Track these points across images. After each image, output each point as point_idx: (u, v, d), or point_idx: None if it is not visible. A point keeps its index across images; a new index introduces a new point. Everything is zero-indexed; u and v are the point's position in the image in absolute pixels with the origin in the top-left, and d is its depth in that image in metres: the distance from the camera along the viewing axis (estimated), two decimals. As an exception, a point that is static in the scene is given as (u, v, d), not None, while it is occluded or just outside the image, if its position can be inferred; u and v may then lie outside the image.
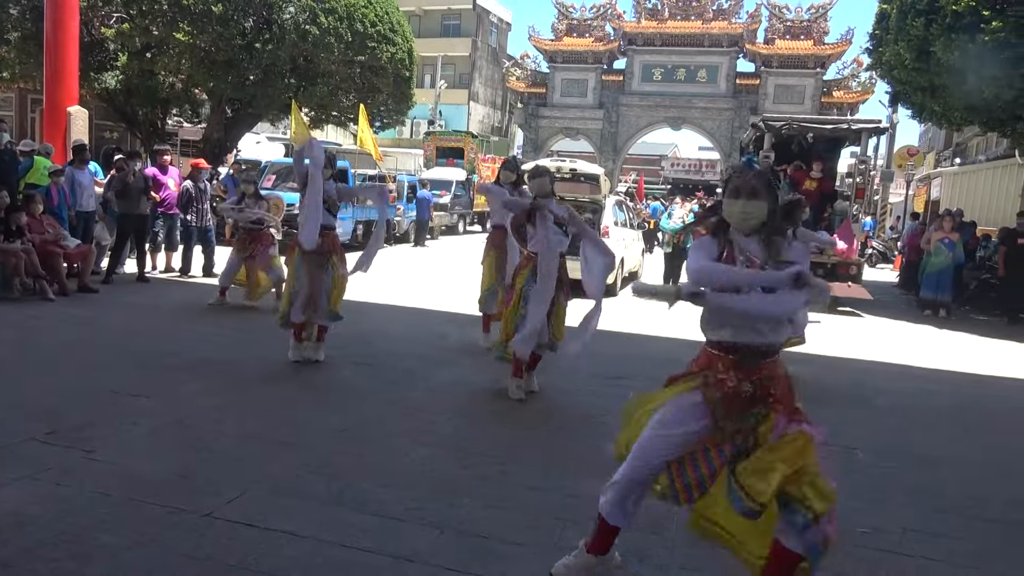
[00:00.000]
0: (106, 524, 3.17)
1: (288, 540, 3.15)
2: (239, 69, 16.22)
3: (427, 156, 27.73)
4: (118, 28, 15.66)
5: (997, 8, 10.21)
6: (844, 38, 32.54)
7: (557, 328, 5.49)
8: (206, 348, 6.49)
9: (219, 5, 15.15)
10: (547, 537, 3.35)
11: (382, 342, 7.26)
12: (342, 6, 17.00)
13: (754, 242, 2.60)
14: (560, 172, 12.10)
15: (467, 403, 5.44)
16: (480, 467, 4.14)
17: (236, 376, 5.67)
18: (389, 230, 18.12)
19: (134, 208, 9.61)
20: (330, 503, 3.54)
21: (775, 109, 29.65)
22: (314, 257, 5.97)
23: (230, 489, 3.59)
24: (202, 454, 4.04)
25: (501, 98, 45.15)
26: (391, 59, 18.71)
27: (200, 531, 3.17)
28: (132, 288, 9.43)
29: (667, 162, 49.34)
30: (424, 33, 39.12)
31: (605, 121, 35.32)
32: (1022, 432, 5.72)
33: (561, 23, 35.61)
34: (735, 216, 2.61)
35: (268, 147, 23.58)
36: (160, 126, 18.87)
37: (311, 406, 5.10)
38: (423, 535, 3.28)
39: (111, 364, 5.79)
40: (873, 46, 14.08)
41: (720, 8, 33.72)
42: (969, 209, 17.69)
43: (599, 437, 4.89)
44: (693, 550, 3.33)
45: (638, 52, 34.76)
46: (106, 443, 4.10)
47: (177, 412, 4.71)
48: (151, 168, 11.03)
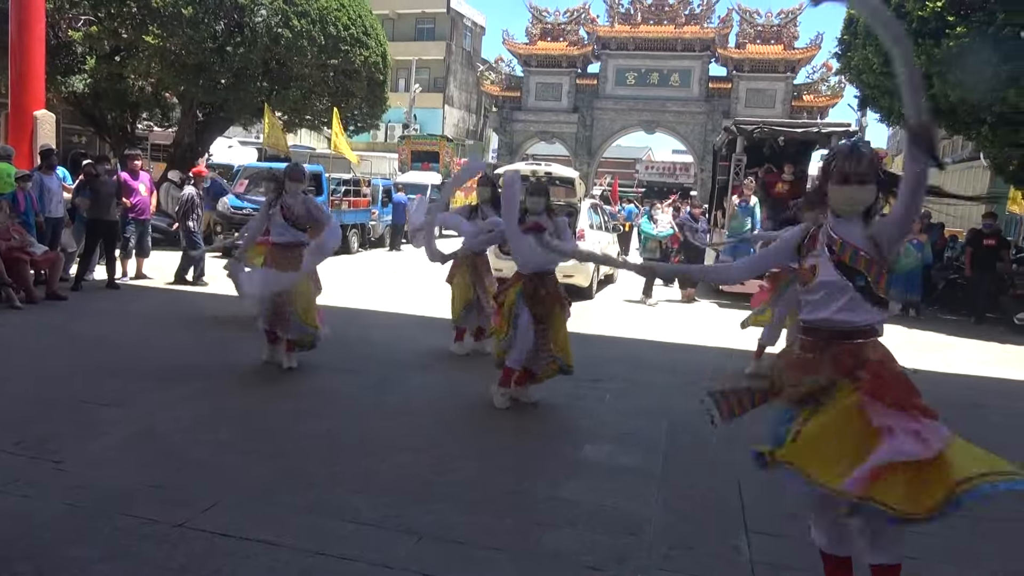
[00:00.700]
0: (75, 537, 3.11)
1: (264, 549, 3.11)
2: (210, 73, 16.02)
3: (402, 160, 27.67)
4: (86, 31, 15.40)
5: (961, 14, 10.42)
6: (813, 43, 33.02)
7: (562, 348, 5.32)
8: (178, 356, 6.39)
9: (189, 8, 14.97)
10: (525, 541, 3.35)
11: (358, 347, 7.21)
12: (315, 9, 16.89)
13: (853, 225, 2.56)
14: (535, 176, 12.14)
15: (443, 408, 5.42)
16: (457, 472, 4.12)
17: (210, 384, 5.59)
18: (364, 234, 18.02)
19: (104, 214, 9.45)
20: (306, 511, 3.50)
21: (747, 113, 29.99)
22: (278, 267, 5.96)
23: (204, 499, 3.54)
24: (175, 463, 3.98)
25: (476, 102, 45.15)
26: (365, 63, 18.62)
27: (173, 542, 3.12)
28: (102, 295, 9.27)
29: (641, 165, 49.67)
30: (398, 37, 39.00)
31: (580, 125, 35.47)
32: (991, 428, 5.83)
33: (535, 27, 35.72)
34: (841, 202, 2.56)
35: (241, 151, 23.34)
36: (130, 130, 18.58)
37: (286, 413, 5.04)
38: (400, 541, 3.26)
39: (80, 373, 5.68)
40: (842, 51, 14.29)
41: (692, 13, 34.05)
42: (937, 210, 18.03)
43: (577, 439, 4.92)
44: (671, 551, 3.35)
45: (612, 56, 34.97)
46: (75, 454, 4.02)
47: (149, 421, 4.64)
48: (122, 173, 10.86)
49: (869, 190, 2.54)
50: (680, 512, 3.80)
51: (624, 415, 5.49)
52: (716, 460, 4.64)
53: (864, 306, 2.57)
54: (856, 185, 2.52)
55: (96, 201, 9.39)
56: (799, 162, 13.53)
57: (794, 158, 13.26)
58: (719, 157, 15.08)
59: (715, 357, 6.76)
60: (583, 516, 3.65)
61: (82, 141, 22.29)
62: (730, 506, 3.92)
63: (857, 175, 2.51)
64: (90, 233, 9.54)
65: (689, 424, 5.41)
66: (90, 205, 9.41)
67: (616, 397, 5.93)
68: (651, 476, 4.27)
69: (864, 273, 2.55)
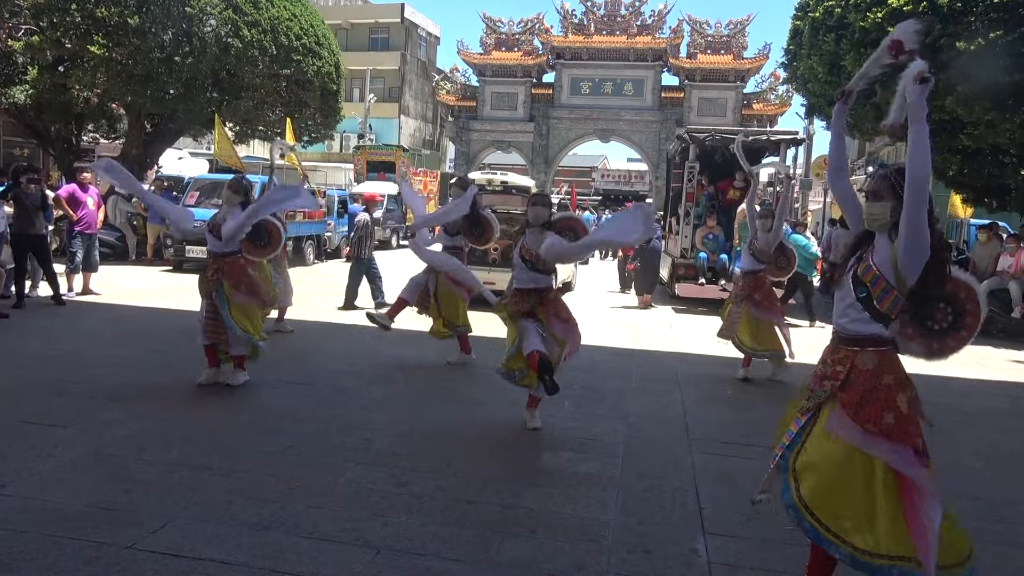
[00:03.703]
0: (20, 563, 3.01)
1: (218, 568, 3.04)
2: (158, 83, 15.70)
3: (357, 170, 27.42)
4: (27, 40, 14.96)
5: (901, 24, 10.81)
6: (761, 53, 33.79)
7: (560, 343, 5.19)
8: (128, 373, 6.22)
9: (135, 17, 14.65)
10: (484, 552, 3.34)
11: (315, 360, 7.12)
12: (266, 19, 16.69)
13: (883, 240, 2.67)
14: (491, 185, 12.17)
15: (402, 419, 5.38)
16: (416, 483, 4.09)
17: (160, 401, 5.46)
18: (320, 246, 17.83)
19: (28, 227, 9.07)
20: (261, 527, 3.44)
21: (699, 121, 30.54)
22: (203, 284, 5.90)
23: (154, 519, 3.45)
24: (124, 484, 3.87)
25: (432, 112, 45.08)
26: (317, 72, 18.46)
27: (123, 565, 3.03)
28: (47, 312, 8.98)
29: (598, 173, 50.20)
30: (352, 46, 38.76)
31: (536, 134, 35.67)
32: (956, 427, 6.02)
33: (489, 37, 35.85)
34: (864, 216, 2.74)
35: (191, 163, 22.86)
36: (75, 142, 18.08)
37: (241, 429, 4.95)
38: (358, 555, 3.22)
39: (23, 392, 5.49)
40: (788, 61, 14.66)
41: (644, 23, 34.56)
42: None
43: (536, 447, 4.92)
44: (630, 555, 3.38)
45: (566, 66, 35.29)
46: (19, 477, 3.89)
47: (96, 441, 4.50)
48: (70, 185, 10.56)
49: (881, 206, 2.68)
50: (638, 516, 3.84)
51: (582, 422, 5.52)
52: (673, 463, 4.70)
53: (863, 316, 2.68)
54: (870, 201, 2.70)
55: (19, 214, 9.01)
56: (749, 170, 13.82)
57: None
58: (673, 165, 15.32)
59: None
60: (543, 524, 3.65)
61: (24, 154, 21.62)
62: (688, 509, 3.97)
63: (870, 191, 2.71)
64: (16, 248, 9.11)
65: (645, 428, 5.47)
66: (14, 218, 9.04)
67: (574, 404, 5.96)
68: (609, 481, 4.30)
69: (868, 286, 2.67)
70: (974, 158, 12.55)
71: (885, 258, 2.64)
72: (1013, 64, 9.81)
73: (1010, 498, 4.41)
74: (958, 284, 2.72)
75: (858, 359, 2.67)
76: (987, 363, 9.00)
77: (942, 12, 10.33)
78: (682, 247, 12.77)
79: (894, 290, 2.63)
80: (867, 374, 2.64)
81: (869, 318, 2.67)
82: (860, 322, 2.68)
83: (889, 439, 2.55)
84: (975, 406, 6.89)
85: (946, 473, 3.13)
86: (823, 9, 12.19)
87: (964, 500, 3.89)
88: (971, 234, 14.49)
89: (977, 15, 10.21)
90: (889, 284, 2.63)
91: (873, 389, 2.62)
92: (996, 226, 12.64)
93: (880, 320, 2.67)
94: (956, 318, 2.69)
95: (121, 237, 14.97)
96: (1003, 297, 10.77)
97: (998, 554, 3.64)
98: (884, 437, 2.55)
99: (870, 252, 2.72)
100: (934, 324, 2.68)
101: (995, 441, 5.58)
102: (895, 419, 2.57)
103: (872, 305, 2.66)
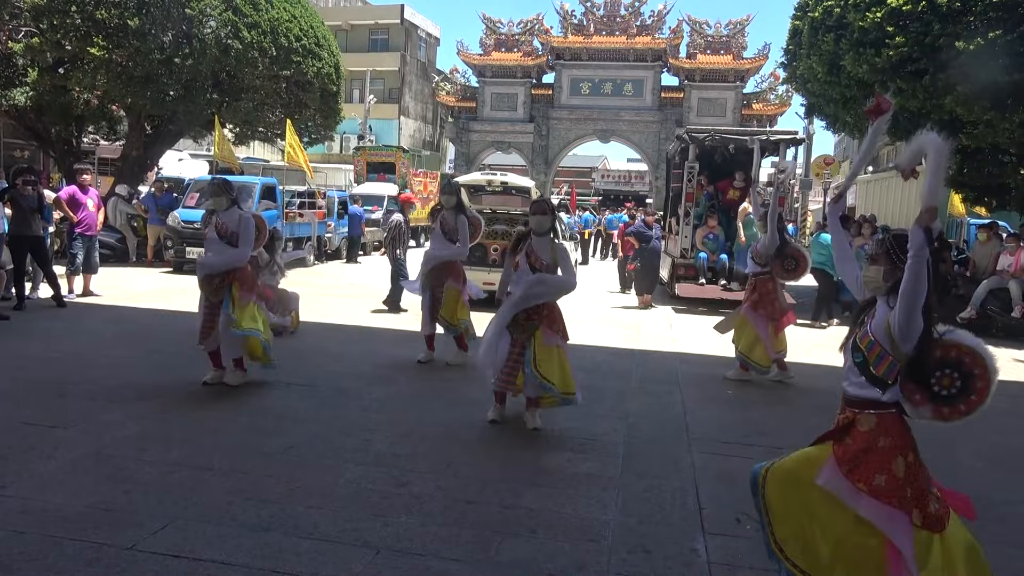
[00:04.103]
0: (20, 564, 3.01)
1: (218, 569, 3.05)
2: (158, 84, 15.71)
3: (357, 171, 27.42)
4: (27, 42, 14.97)
5: (900, 24, 10.81)
6: (761, 53, 33.80)
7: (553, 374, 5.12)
8: (128, 374, 6.23)
9: (135, 19, 14.67)
10: (484, 552, 3.35)
11: (315, 361, 7.13)
12: (265, 20, 16.70)
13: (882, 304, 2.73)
14: (492, 185, 12.18)
15: (402, 420, 5.38)
16: (416, 484, 4.10)
17: (161, 402, 5.46)
18: (320, 247, 17.84)
19: (26, 229, 9.06)
20: (261, 528, 3.45)
21: (699, 121, 30.56)
22: (207, 287, 5.87)
23: (155, 520, 3.46)
24: (124, 485, 3.87)
25: (432, 112, 45.11)
26: (317, 74, 18.47)
27: (123, 566, 3.03)
28: (48, 313, 8.99)
29: (597, 174, 50.22)
30: (352, 48, 38.79)
31: (536, 134, 35.69)
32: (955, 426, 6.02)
33: (489, 38, 35.88)
34: (864, 281, 2.83)
35: (191, 164, 22.86)
36: (75, 144, 18.09)
37: (241, 430, 4.96)
38: (358, 556, 3.22)
39: (24, 394, 5.50)
40: (788, 61, 14.68)
41: (643, 24, 34.59)
42: (882, 215, 18.61)
43: (536, 448, 4.93)
44: (630, 555, 3.38)
45: (566, 66, 35.32)
46: (19, 478, 3.90)
47: (97, 442, 4.51)
48: (70, 187, 10.56)
49: (876, 270, 2.74)
50: (638, 516, 3.84)
51: (582, 422, 5.52)
52: (673, 463, 4.70)
53: (860, 380, 2.72)
54: (868, 264, 2.78)
55: (16, 215, 9.01)
56: (749, 169, 13.82)
57: (744, 165, 13.54)
58: (672, 165, 15.32)
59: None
60: (543, 524, 3.66)
61: (24, 156, 21.64)
62: (688, 508, 3.98)
63: (869, 255, 2.79)
64: (14, 249, 9.11)
65: (645, 428, 5.48)
66: (11, 219, 9.04)
67: (574, 404, 5.95)
68: (609, 481, 4.31)
69: (864, 352, 2.71)
70: (973, 157, 12.56)
71: (881, 324, 2.68)
72: (1012, 63, 9.82)
73: (1009, 498, 4.42)
74: (961, 349, 2.70)
75: (858, 420, 2.72)
76: (987, 362, 8.99)
77: (941, 11, 10.34)
78: (682, 247, 12.77)
79: (889, 356, 2.65)
80: (865, 435, 2.67)
81: (866, 382, 2.71)
82: (858, 386, 2.73)
83: (878, 500, 2.57)
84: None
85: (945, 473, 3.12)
86: (822, 9, 12.20)
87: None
88: (971, 233, 14.47)
89: (976, 14, 10.22)
90: (884, 350, 2.66)
91: (868, 450, 2.64)
92: (996, 225, 12.64)
93: (877, 385, 2.69)
94: (965, 382, 2.68)
95: (121, 239, 14.98)
96: (1003, 296, 10.76)
97: (998, 554, 3.63)
98: (873, 497, 2.58)
99: (870, 318, 2.77)
100: (942, 390, 2.68)
101: (994, 441, 5.58)
102: (886, 482, 2.58)
103: (868, 370, 2.70)
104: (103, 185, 17.53)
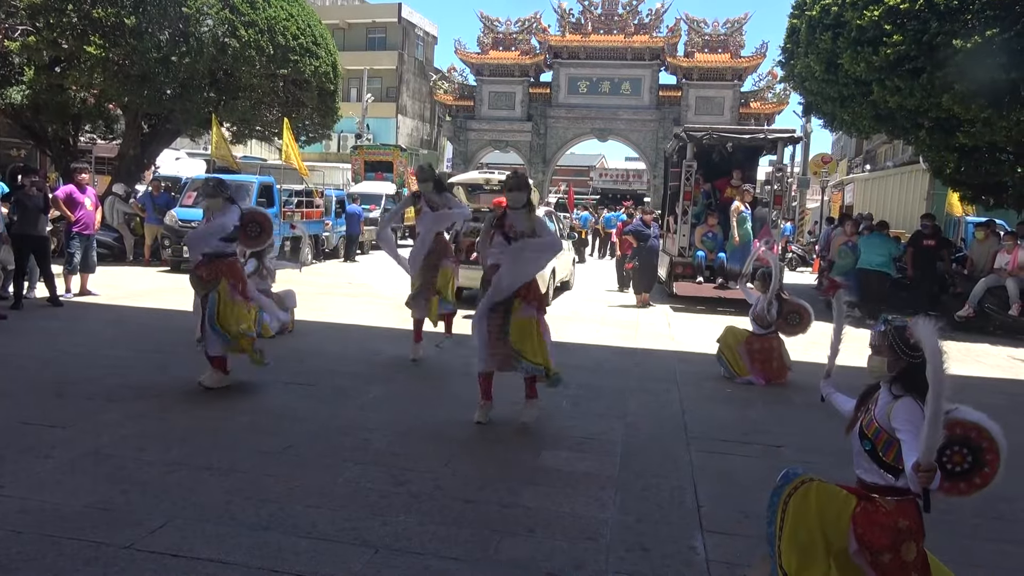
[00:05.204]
0: (18, 563, 3.01)
1: (216, 568, 3.04)
2: (155, 83, 15.67)
3: (355, 170, 27.43)
4: (23, 41, 14.93)
5: (898, 23, 10.81)
6: (759, 51, 33.82)
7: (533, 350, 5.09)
8: (126, 373, 6.22)
9: (132, 18, 14.63)
10: (483, 551, 3.35)
11: (313, 360, 7.12)
12: (263, 19, 16.67)
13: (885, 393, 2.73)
14: (489, 184, 12.19)
15: (401, 419, 5.38)
16: (415, 483, 4.10)
17: (158, 402, 5.45)
18: (318, 246, 17.83)
19: (31, 228, 9.07)
20: (260, 527, 3.44)
21: (696, 120, 30.56)
22: (198, 284, 5.83)
23: (153, 519, 3.45)
24: (122, 485, 3.87)
25: (430, 111, 45.08)
26: (315, 72, 18.44)
27: (121, 565, 3.03)
28: (45, 313, 8.97)
29: (595, 172, 50.30)
30: (349, 46, 38.74)
31: (533, 133, 35.69)
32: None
33: (487, 37, 35.86)
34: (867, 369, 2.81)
35: (188, 163, 22.86)
36: (72, 143, 18.05)
37: (239, 429, 4.95)
38: (357, 555, 3.22)
39: (22, 394, 5.49)
40: (785, 59, 14.66)
41: (641, 23, 34.60)
42: (880, 212, 18.62)
43: (535, 446, 4.93)
44: (628, 554, 3.38)
45: (563, 65, 35.31)
46: (17, 478, 3.89)
47: (95, 442, 4.50)
48: (67, 186, 10.54)
49: (878, 360, 2.74)
50: (637, 514, 3.84)
51: (580, 420, 5.52)
52: (671, 461, 4.71)
53: (871, 467, 2.72)
54: (872, 353, 2.77)
55: (22, 215, 9.02)
56: (747, 168, 13.85)
57: (742, 164, 13.56)
58: (670, 164, 15.32)
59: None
60: (541, 523, 3.66)
61: (21, 154, 21.59)
62: (686, 507, 3.98)
63: (871, 345, 2.78)
64: (18, 249, 9.10)
65: (643, 427, 5.48)
66: (16, 219, 9.05)
67: (573, 403, 5.97)
68: (608, 480, 4.31)
69: (871, 439, 2.70)
70: (971, 156, 12.56)
71: (884, 411, 2.67)
72: (1010, 62, 9.82)
73: (1007, 495, 4.41)
74: (966, 426, 2.71)
75: (880, 500, 2.69)
76: (984, 360, 9.02)
77: (939, 10, 10.33)
78: (680, 245, 12.77)
79: (896, 442, 2.62)
80: (886, 513, 2.64)
81: (878, 468, 2.71)
82: (871, 472, 2.73)
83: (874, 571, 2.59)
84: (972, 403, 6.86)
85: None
86: (820, 7, 12.20)
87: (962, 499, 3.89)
88: (968, 232, 14.49)
89: (973, 12, 10.22)
90: (892, 437, 2.64)
91: (884, 526, 2.61)
92: (993, 223, 12.67)
93: (888, 471, 2.68)
94: (975, 456, 2.69)
95: (119, 238, 14.96)
96: (1000, 294, 10.78)
97: (996, 551, 3.65)
98: (872, 568, 2.59)
99: (874, 404, 2.77)
100: (955, 467, 2.69)
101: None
102: (890, 561, 2.59)
103: (878, 456, 2.69)
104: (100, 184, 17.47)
